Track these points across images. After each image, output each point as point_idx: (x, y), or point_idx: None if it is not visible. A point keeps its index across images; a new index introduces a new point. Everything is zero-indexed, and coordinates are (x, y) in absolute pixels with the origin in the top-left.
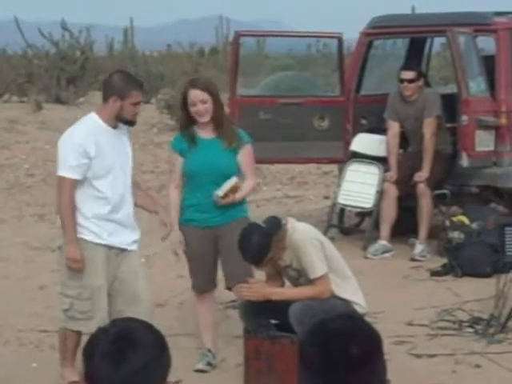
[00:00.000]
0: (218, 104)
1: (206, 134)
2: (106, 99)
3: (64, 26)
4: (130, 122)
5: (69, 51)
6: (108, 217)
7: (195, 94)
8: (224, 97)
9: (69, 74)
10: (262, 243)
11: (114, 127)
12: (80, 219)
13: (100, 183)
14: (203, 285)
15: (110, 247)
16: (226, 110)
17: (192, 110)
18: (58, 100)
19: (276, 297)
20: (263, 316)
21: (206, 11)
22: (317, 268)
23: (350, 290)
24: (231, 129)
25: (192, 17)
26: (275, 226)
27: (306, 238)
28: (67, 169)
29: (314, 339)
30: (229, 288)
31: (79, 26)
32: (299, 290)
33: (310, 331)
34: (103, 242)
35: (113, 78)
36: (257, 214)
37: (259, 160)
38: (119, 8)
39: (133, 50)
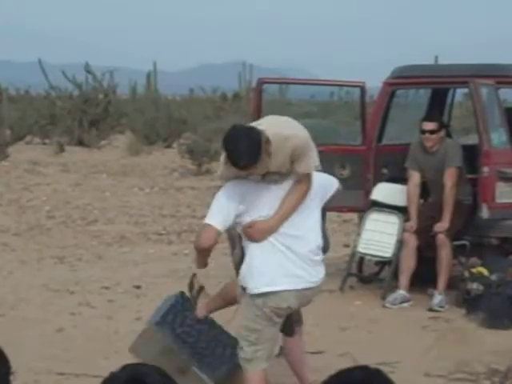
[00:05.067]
0: None
1: None
2: None
3: (88, 69)
4: None
5: (92, 94)
6: None
7: None
8: None
9: (91, 116)
10: (255, 140)
11: None
12: None
13: None
14: None
15: None
16: None
17: None
18: (80, 142)
19: (279, 222)
20: None
21: (229, 57)
22: (312, 166)
23: None
24: None
25: (215, 62)
26: (255, 128)
27: (308, 141)
28: None
29: None
30: None
31: (103, 68)
32: (291, 198)
33: (328, 382)
34: None
35: None
36: None
37: None
38: (143, 52)
39: (155, 93)
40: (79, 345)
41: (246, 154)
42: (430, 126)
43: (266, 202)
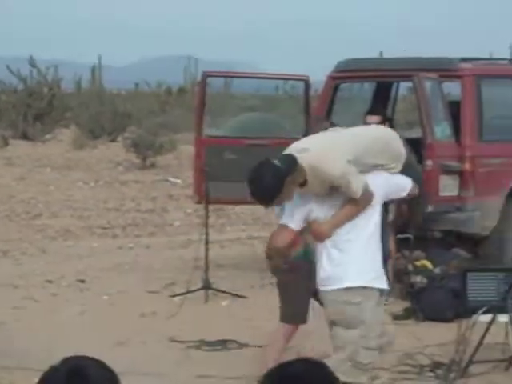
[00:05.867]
0: None
1: None
2: None
3: (32, 63)
4: None
5: (36, 88)
6: None
7: None
8: (190, 136)
9: (36, 110)
10: (273, 185)
11: None
12: None
13: None
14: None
15: None
16: (192, 149)
17: None
18: (25, 136)
19: (330, 230)
20: None
21: (175, 51)
22: (358, 191)
23: None
24: None
25: (161, 56)
26: (291, 165)
27: (345, 172)
28: None
29: (274, 382)
30: None
31: (47, 62)
32: (344, 212)
33: (269, 374)
34: None
35: None
36: (220, 254)
37: (224, 200)
38: (88, 46)
39: (100, 88)
40: (21, 338)
41: (259, 196)
42: (373, 119)
43: (328, 206)
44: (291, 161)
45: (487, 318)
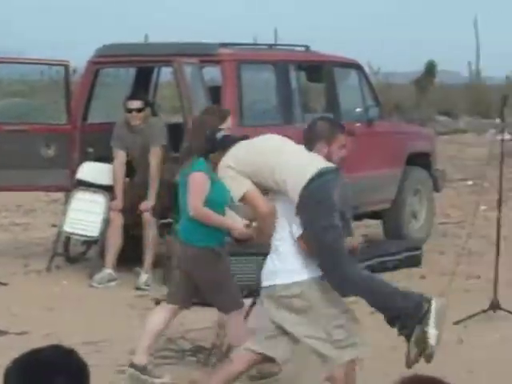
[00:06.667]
0: None
1: None
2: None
3: None
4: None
5: None
6: None
7: None
8: None
9: None
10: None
11: None
12: None
13: None
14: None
15: None
16: None
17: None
18: None
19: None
20: None
21: None
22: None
23: None
24: None
25: None
26: (223, 144)
27: (222, 171)
28: None
29: (22, 368)
30: None
31: None
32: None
33: (18, 360)
34: None
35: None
36: None
37: None
38: None
39: None
40: None
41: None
42: (135, 104)
43: None
44: (227, 142)
45: (249, 301)
